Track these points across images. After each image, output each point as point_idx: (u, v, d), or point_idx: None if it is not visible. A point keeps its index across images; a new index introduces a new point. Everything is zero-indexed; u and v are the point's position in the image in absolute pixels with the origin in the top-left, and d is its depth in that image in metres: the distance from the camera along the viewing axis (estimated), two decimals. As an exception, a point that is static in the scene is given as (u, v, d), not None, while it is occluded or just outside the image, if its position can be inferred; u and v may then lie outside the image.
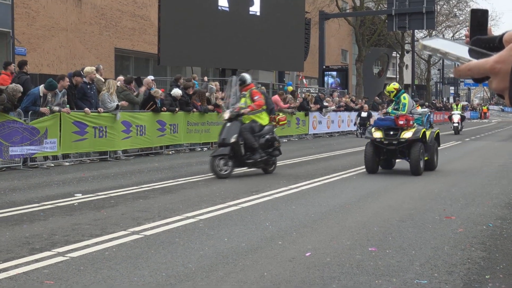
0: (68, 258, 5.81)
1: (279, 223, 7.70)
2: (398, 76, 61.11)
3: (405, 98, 13.80)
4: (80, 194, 9.80)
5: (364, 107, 31.11)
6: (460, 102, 37.88)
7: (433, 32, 62.50)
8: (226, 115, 12.83)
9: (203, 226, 7.45)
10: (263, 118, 13.31)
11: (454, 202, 9.60)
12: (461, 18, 62.88)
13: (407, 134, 13.05)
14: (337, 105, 31.92)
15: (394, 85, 14.27)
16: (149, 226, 7.37)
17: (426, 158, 13.52)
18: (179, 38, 26.88)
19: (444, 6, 60.76)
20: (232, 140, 12.43)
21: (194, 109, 19.47)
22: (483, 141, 27.16)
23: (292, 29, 32.61)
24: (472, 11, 1.52)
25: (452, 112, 34.23)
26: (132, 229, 7.16)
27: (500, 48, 1.41)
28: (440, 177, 13.01)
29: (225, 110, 13.18)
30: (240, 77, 13.57)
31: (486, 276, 5.41)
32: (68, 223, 7.51)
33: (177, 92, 18.76)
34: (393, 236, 7.00)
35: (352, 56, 61.85)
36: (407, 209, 8.86)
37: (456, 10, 62.18)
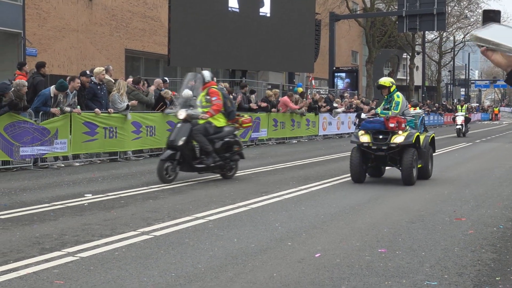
0: (78, 258, 5.83)
1: (289, 224, 7.70)
2: (409, 78, 60.98)
3: (399, 96, 12.10)
4: (90, 195, 9.83)
5: (364, 108, 30.81)
6: (465, 103, 36.08)
7: (444, 34, 62.38)
8: (181, 115, 11.78)
9: (213, 227, 7.46)
10: (219, 120, 12.26)
11: (465, 204, 9.57)
12: (472, 20, 62.61)
13: (399, 139, 11.54)
14: (347, 107, 31.84)
15: (390, 80, 12.53)
16: (159, 227, 7.38)
17: (420, 166, 12.10)
18: (189, 39, 26.92)
19: (455, 8, 60.48)
20: (180, 143, 11.36)
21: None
22: (494, 143, 27.04)
23: (302, 30, 32.58)
24: (485, 12, 1.51)
25: (456, 114, 32.67)
26: (142, 230, 7.18)
27: None
28: (450, 179, 12.96)
29: (179, 108, 12.09)
30: (200, 74, 12.63)
31: (497, 278, 5.39)
32: (78, 223, 7.54)
33: (188, 93, 18.71)
34: (403, 238, 6.98)
35: (362, 58, 61.77)
36: (417, 211, 8.84)
37: (467, 12, 61.90)
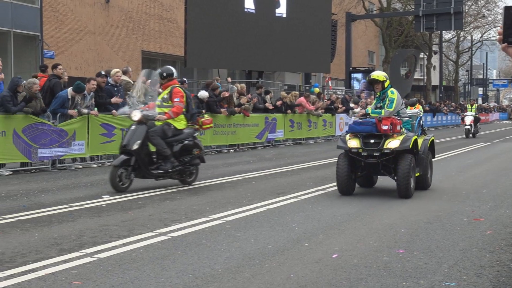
0: (96, 259, 5.86)
1: (306, 225, 7.69)
2: (426, 78, 60.67)
3: (393, 93, 10.52)
4: (108, 196, 9.88)
5: (355, 107, 30.31)
6: (475, 103, 33.95)
7: (461, 33, 62.00)
8: (136, 116, 10.70)
9: (230, 228, 7.46)
10: (179, 122, 11.24)
11: (483, 204, 9.50)
12: (490, 19, 62.24)
13: (393, 144, 9.92)
14: (363, 107, 31.69)
15: (384, 73, 10.77)
16: (176, 228, 7.40)
17: (418, 174, 10.49)
18: (206, 41, 26.97)
19: (473, 7, 60.12)
20: (135, 147, 10.41)
21: (222, 110, 19.46)
22: (513, 143, 26.83)
23: (319, 31, 32.56)
24: (506, 8, 1.50)
25: (465, 113, 31.00)
26: (159, 231, 7.20)
27: None
28: (468, 179, 12.87)
29: (133, 108, 10.93)
30: (163, 70, 11.45)
31: (516, 279, 5.35)
32: (96, 224, 7.58)
33: (204, 94, 18.79)
34: (421, 238, 6.95)
35: (379, 58, 61.59)
36: (435, 211, 8.78)
37: (485, 11, 61.53)
